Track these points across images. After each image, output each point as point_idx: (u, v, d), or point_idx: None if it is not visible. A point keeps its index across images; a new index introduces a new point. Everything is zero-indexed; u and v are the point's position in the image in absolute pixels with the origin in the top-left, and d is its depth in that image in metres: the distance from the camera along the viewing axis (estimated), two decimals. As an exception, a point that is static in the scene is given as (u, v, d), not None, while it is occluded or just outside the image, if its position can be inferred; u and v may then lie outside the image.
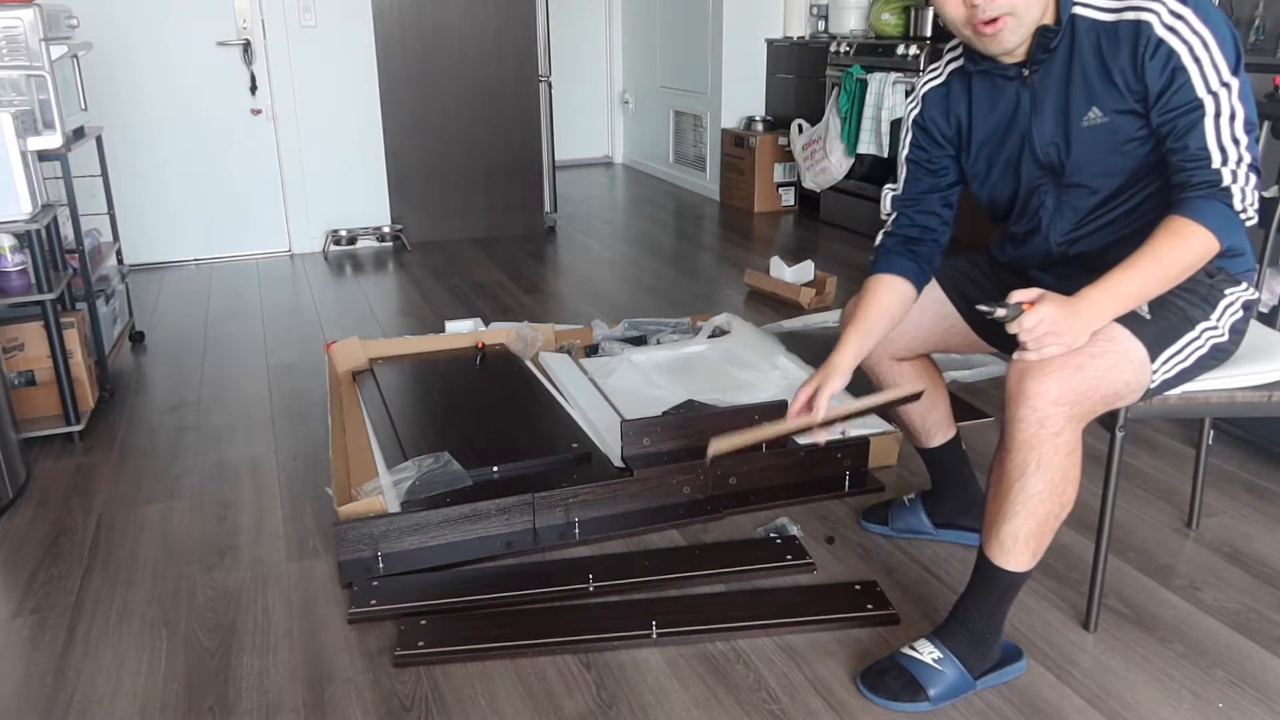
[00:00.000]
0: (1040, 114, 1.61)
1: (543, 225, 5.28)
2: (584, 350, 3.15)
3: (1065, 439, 1.48)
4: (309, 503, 2.35)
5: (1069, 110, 1.57)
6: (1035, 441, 1.48)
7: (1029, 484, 1.51)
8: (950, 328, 1.90)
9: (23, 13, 2.72)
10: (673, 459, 2.29)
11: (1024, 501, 1.52)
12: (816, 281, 3.85)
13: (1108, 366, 1.49)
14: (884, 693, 1.63)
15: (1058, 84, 1.57)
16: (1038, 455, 1.49)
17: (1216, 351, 1.60)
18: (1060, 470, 1.50)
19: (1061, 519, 1.55)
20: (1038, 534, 1.55)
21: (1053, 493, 1.51)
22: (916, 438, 2.03)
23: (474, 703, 1.65)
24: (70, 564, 2.10)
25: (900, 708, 1.62)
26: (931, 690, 1.61)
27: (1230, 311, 1.60)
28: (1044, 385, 1.45)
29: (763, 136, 5.53)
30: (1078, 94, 1.56)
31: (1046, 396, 1.45)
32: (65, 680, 1.73)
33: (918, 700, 1.61)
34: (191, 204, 4.69)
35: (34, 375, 2.71)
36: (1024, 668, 1.70)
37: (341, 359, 2.96)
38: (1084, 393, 1.47)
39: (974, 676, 1.63)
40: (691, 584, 1.97)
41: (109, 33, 4.31)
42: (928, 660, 1.62)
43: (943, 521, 2.10)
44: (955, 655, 1.62)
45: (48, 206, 2.65)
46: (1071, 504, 1.54)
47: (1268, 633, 1.81)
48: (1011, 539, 1.55)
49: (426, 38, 4.82)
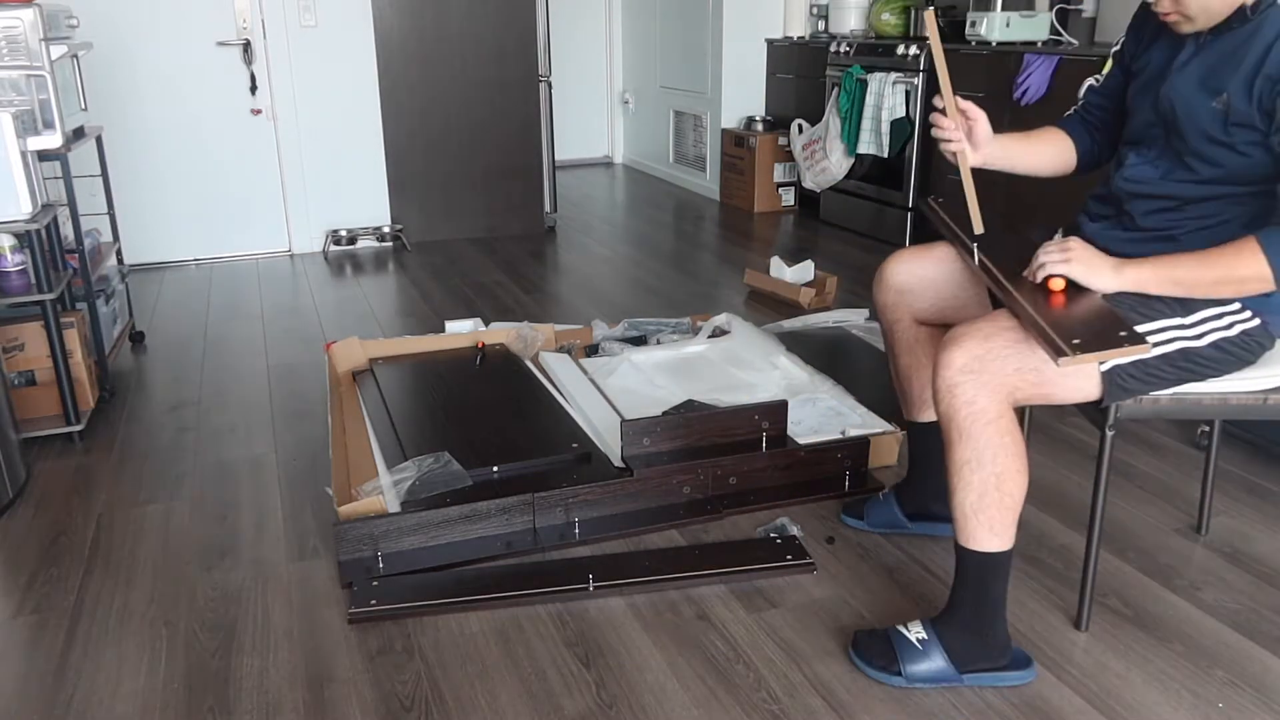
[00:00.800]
0: (1186, 70, 1.62)
1: (543, 225, 5.28)
2: (584, 350, 3.15)
3: (981, 406, 1.50)
4: (309, 503, 2.35)
5: (1207, 83, 1.58)
6: (951, 411, 1.53)
7: (956, 454, 1.54)
8: (976, 301, 1.91)
9: (23, 13, 2.72)
10: (673, 459, 2.29)
11: (957, 473, 1.55)
12: (816, 281, 3.85)
13: (1017, 339, 1.51)
14: (862, 656, 1.69)
15: (1218, 57, 1.58)
16: (956, 425, 1.53)
17: (1192, 357, 1.58)
18: (983, 438, 1.51)
19: (1009, 492, 1.55)
20: (982, 507, 1.55)
21: (979, 461, 1.52)
22: (912, 408, 2.04)
23: (474, 703, 1.66)
24: (70, 564, 2.10)
25: (875, 675, 1.66)
26: (907, 667, 1.63)
27: (1214, 325, 1.58)
28: (951, 354, 1.52)
29: (763, 136, 5.53)
30: (1224, 74, 1.55)
31: (953, 365, 1.51)
32: (65, 680, 1.73)
33: (890, 672, 1.65)
34: (191, 204, 4.69)
35: (34, 375, 2.71)
36: (1028, 678, 1.68)
37: (341, 359, 2.96)
38: (990, 361, 1.50)
39: (960, 668, 1.64)
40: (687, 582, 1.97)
41: (109, 33, 4.31)
42: (912, 638, 1.66)
43: (914, 511, 2.11)
44: (941, 641, 1.64)
45: (48, 206, 2.65)
46: (1012, 477, 1.54)
47: (1268, 633, 1.81)
48: (961, 515, 1.58)
49: (427, 38, 4.82)
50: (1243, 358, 1.61)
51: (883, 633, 1.71)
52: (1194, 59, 1.61)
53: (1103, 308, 1.55)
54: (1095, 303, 1.56)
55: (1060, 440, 2.61)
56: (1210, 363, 1.59)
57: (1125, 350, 1.45)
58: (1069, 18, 4.23)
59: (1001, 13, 4.15)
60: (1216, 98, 1.55)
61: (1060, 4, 4.20)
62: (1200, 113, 1.58)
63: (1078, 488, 2.36)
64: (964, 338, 1.53)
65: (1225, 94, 1.54)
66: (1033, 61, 3.87)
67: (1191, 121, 1.59)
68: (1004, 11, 4.16)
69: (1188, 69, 1.62)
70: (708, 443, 2.37)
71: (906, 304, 1.95)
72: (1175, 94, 1.62)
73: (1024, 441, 1.57)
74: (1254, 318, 1.59)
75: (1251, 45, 1.53)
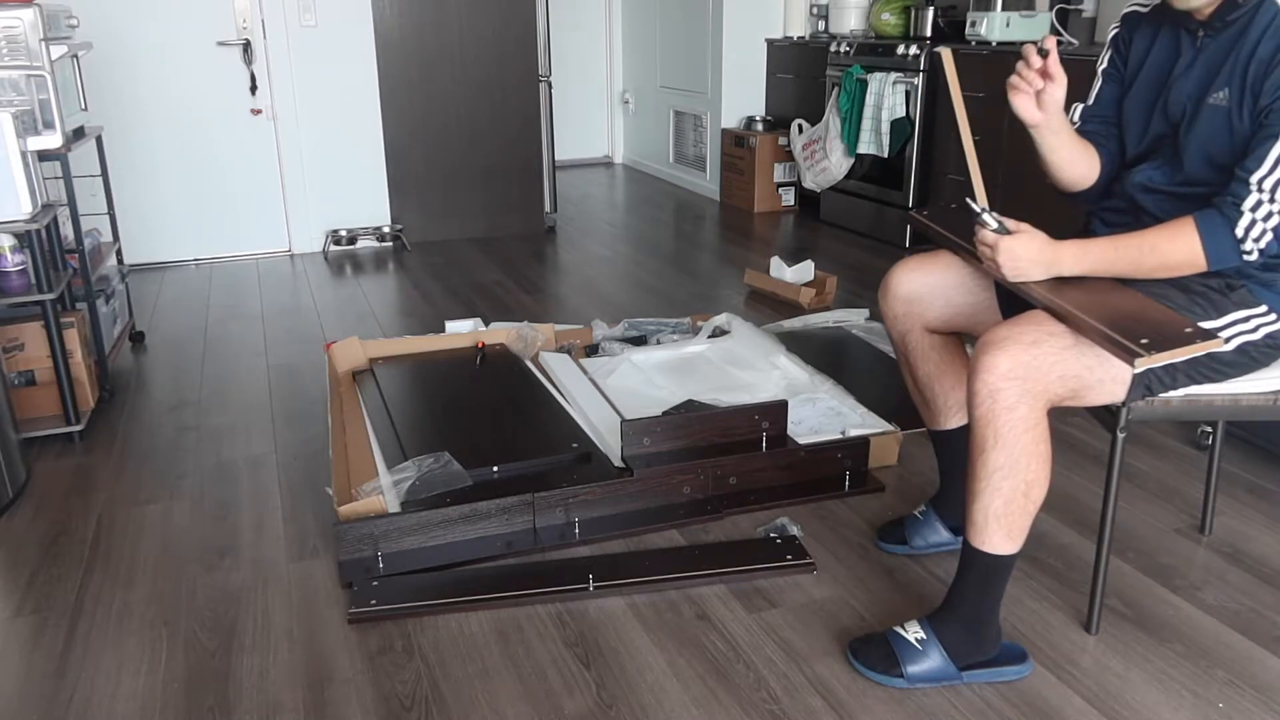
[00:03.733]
0: (1190, 73, 1.62)
1: (543, 225, 5.28)
2: (584, 350, 3.15)
3: (1021, 414, 1.50)
4: (309, 503, 2.35)
5: (1209, 82, 1.58)
6: (990, 416, 1.51)
7: (989, 459, 1.53)
8: (986, 306, 1.88)
9: (23, 13, 2.72)
10: (673, 459, 2.29)
11: (986, 478, 1.54)
12: (816, 281, 3.85)
13: (1065, 346, 1.51)
14: (864, 660, 1.68)
15: (1218, 54, 1.58)
16: (994, 430, 1.51)
17: (1216, 360, 1.59)
18: (1019, 445, 1.51)
19: (1034, 499, 1.55)
20: (1006, 513, 1.55)
21: (1014, 468, 1.52)
22: (935, 417, 1.99)
23: (474, 703, 1.65)
24: (70, 564, 2.10)
25: (877, 678, 1.65)
26: (908, 668, 1.63)
27: (1241, 328, 1.58)
28: (995, 359, 1.49)
29: (763, 136, 5.53)
30: (1224, 70, 1.56)
31: (997, 370, 1.49)
32: (65, 680, 1.73)
33: (891, 674, 1.64)
34: (192, 204, 4.69)
35: (34, 375, 2.71)
36: (1025, 672, 1.69)
37: (341, 359, 2.96)
38: (1036, 368, 1.49)
39: (959, 666, 1.64)
40: (687, 582, 1.97)
41: (109, 33, 4.31)
42: (910, 638, 1.65)
43: (958, 524, 2.04)
44: (940, 640, 1.64)
45: (48, 206, 2.65)
46: (1041, 484, 1.55)
47: (1268, 633, 1.81)
48: (982, 517, 1.56)
49: (427, 38, 4.82)
50: (1262, 360, 1.62)
51: (880, 635, 1.70)
52: (1195, 62, 1.62)
53: (1145, 302, 1.54)
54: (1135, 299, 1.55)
55: (1061, 440, 2.61)
56: (1231, 366, 1.60)
57: (1199, 346, 1.44)
58: (1069, 18, 4.23)
59: (1001, 13, 4.15)
60: (1216, 95, 1.56)
61: (1060, 4, 4.20)
62: (1206, 114, 1.58)
63: (1079, 488, 2.36)
64: (1008, 342, 1.50)
65: (1225, 88, 1.55)
66: (1033, 61, 3.86)
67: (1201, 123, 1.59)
68: (1004, 11, 4.16)
69: (1191, 72, 1.62)
70: (708, 443, 2.37)
71: (916, 314, 1.90)
72: (1186, 99, 1.62)
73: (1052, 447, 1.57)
74: (1278, 320, 1.60)
75: (1246, 35, 1.54)
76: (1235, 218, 1.49)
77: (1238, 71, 1.54)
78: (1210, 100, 1.58)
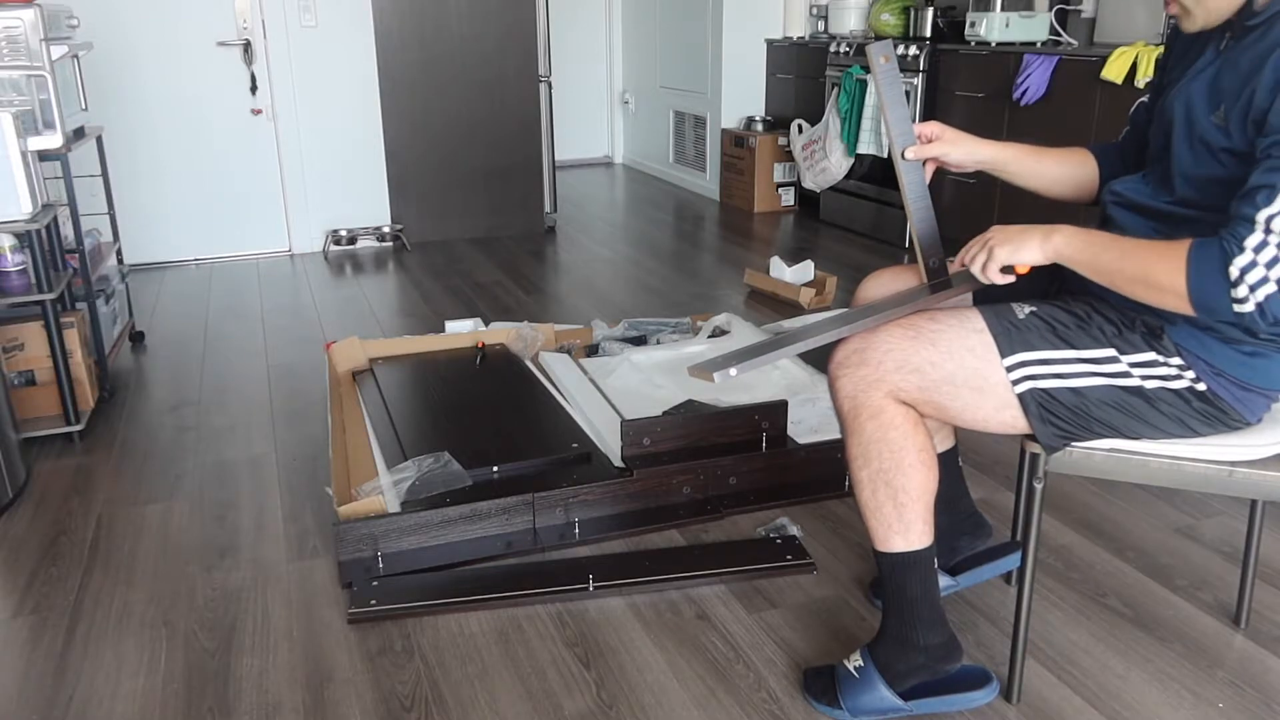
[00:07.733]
0: (1200, 77, 1.43)
1: (543, 225, 5.28)
2: (584, 350, 3.15)
3: (860, 402, 1.49)
4: (309, 503, 2.35)
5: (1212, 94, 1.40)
6: (836, 406, 1.54)
7: (848, 450, 1.53)
8: None
9: (23, 13, 2.72)
10: (673, 459, 2.29)
11: (851, 471, 1.54)
12: (816, 281, 3.85)
13: (902, 335, 1.47)
14: (810, 691, 1.66)
15: (1231, 66, 1.38)
16: (841, 420, 1.54)
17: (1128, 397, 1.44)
18: (865, 434, 1.49)
19: (902, 489, 1.47)
20: (874, 505, 1.51)
21: (865, 458, 1.50)
22: None
23: (474, 703, 1.65)
24: (70, 564, 2.10)
25: (822, 710, 1.62)
26: (845, 699, 1.58)
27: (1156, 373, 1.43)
28: (834, 352, 1.52)
29: (762, 136, 5.53)
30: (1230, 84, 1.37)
31: (833, 359, 1.52)
32: (65, 680, 1.73)
33: (833, 707, 1.60)
34: (191, 204, 4.69)
35: (34, 375, 2.71)
36: (986, 698, 1.60)
37: (341, 359, 2.96)
38: (869, 355, 1.48)
39: (898, 691, 1.56)
40: (687, 582, 1.97)
41: (109, 33, 4.31)
42: (849, 668, 1.61)
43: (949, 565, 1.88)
44: (876, 664, 1.58)
45: (48, 206, 2.65)
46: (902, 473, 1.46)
47: (1268, 633, 1.81)
48: (863, 516, 1.54)
49: (427, 38, 4.82)
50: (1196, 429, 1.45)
51: (829, 668, 1.65)
52: (1210, 67, 1.43)
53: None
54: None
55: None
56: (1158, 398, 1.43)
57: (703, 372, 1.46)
58: (1068, 18, 4.23)
59: (1001, 13, 4.15)
60: (1216, 111, 1.38)
61: (1060, 4, 4.20)
62: (1200, 122, 1.40)
63: (1078, 487, 2.36)
64: (852, 338, 1.51)
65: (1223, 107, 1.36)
66: (1032, 62, 3.87)
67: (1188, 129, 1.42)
68: (1003, 12, 4.16)
69: (1201, 76, 1.44)
70: (708, 443, 2.37)
71: None
72: (1179, 101, 1.45)
73: (924, 438, 1.48)
74: (1199, 380, 1.41)
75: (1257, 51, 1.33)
76: (1233, 253, 1.25)
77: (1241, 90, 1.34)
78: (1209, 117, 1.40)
